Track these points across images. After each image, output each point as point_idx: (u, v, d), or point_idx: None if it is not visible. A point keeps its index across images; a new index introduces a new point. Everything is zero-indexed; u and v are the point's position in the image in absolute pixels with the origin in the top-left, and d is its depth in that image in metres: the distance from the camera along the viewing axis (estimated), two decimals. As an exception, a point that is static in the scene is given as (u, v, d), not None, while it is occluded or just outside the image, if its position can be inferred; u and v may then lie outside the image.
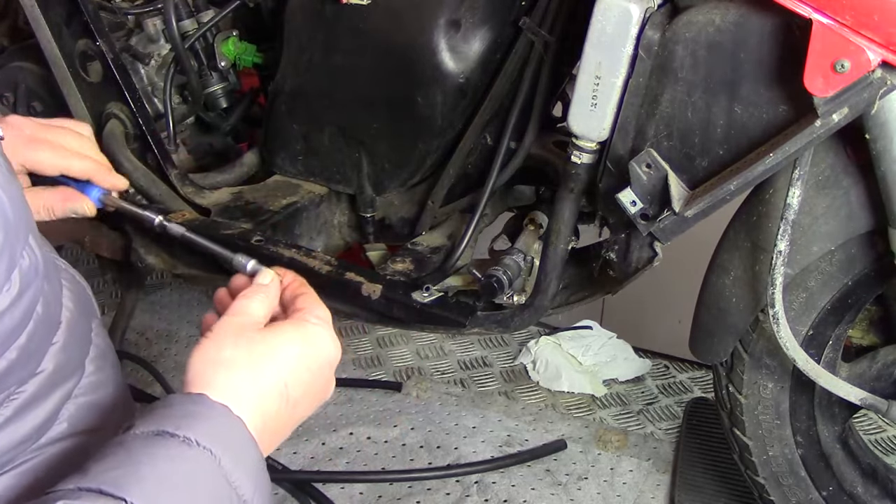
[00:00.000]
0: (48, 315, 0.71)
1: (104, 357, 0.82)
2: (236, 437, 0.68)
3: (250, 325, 0.76)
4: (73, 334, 0.76)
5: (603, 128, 1.20)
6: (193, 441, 0.65)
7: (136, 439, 0.65)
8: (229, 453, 0.66)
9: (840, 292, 1.27)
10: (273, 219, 1.62)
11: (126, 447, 0.64)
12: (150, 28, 1.72)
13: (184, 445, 0.64)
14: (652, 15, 1.16)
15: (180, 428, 0.65)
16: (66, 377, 0.75)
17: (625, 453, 1.87)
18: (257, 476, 0.68)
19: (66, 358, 0.74)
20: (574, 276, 1.51)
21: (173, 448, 0.64)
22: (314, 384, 0.78)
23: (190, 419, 0.66)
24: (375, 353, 2.25)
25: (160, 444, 0.64)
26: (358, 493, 1.74)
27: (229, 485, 0.65)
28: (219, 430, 0.67)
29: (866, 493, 1.42)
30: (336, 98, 1.56)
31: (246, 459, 0.68)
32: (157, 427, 0.65)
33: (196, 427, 0.66)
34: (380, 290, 1.49)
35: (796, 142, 1.06)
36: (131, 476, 0.61)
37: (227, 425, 0.68)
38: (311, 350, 0.77)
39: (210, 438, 0.65)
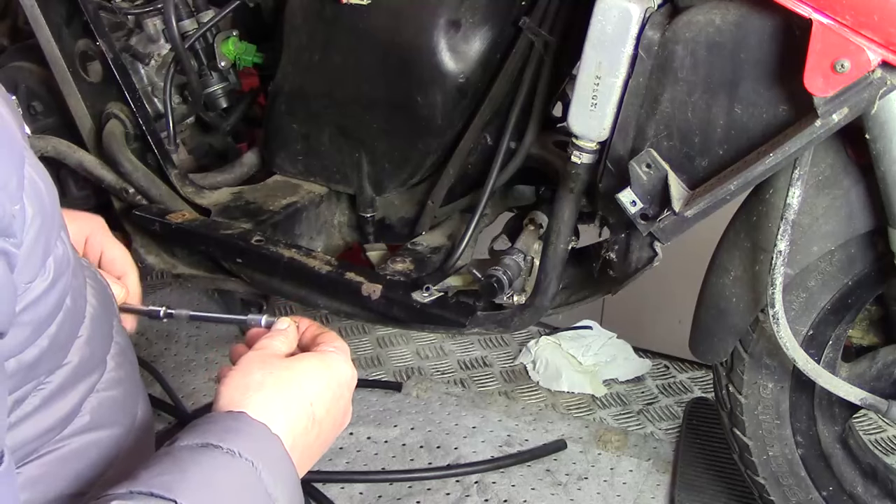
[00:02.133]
0: (76, 308, 0.75)
1: (124, 354, 0.85)
2: (274, 453, 0.73)
3: (274, 356, 0.82)
4: (96, 329, 0.79)
5: (603, 128, 1.20)
6: (237, 453, 0.70)
7: (183, 450, 0.70)
8: (268, 467, 0.71)
9: (840, 292, 1.27)
10: (273, 219, 1.62)
11: (173, 456, 0.69)
12: (150, 28, 1.72)
13: (227, 456, 0.69)
14: (652, 15, 1.16)
15: (224, 441, 0.70)
16: (89, 371, 0.78)
17: (625, 453, 1.87)
18: (292, 492, 0.73)
19: (90, 352, 0.77)
20: (574, 276, 1.51)
21: (218, 458, 0.69)
22: (336, 405, 0.83)
23: (232, 434, 0.71)
24: (375, 353, 2.25)
25: (206, 454, 0.69)
26: (358, 493, 1.74)
27: (268, 496, 0.70)
28: (259, 445, 0.72)
29: (866, 493, 1.42)
30: (336, 98, 1.56)
31: (283, 474, 0.72)
32: (202, 440, 0.70)
33: (238, 441, 0.71)
34: (380, 290, 1.49)
35: (796, 142, 1.06)
36: (180, 481, 0.66)
37: (266, 441, 0.73)
38: (331, 373, 0.83)
39: (251, 452, 0.70)
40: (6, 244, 0.61)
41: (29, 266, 0.65)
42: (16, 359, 0.67)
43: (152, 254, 1.69)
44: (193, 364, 2.19)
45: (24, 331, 0.67)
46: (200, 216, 1.63)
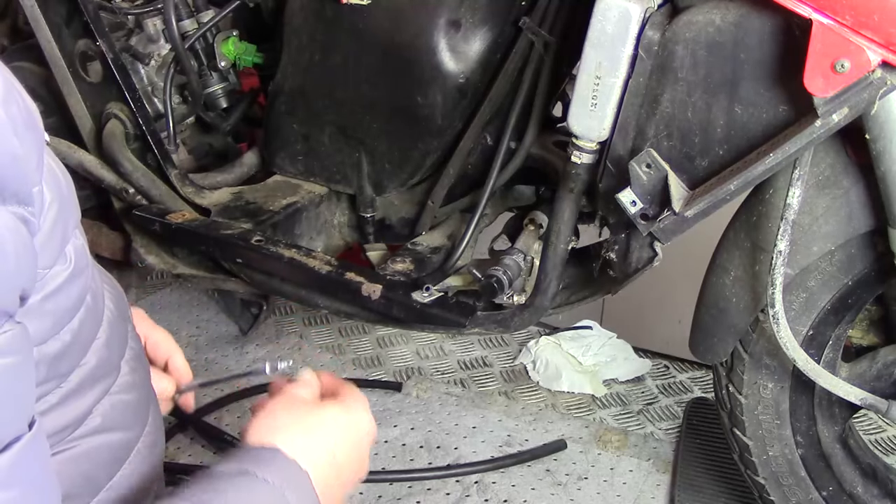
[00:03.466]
0: (96, 307, 0.76)
1: (138, 359, 0.87)
2: (304, 487, 0.77)
3: (299, 402, 0.86)
4: (113, 333, 0.80)
5: (603, 128, 1.20)
6: (271, 482, 0.74)
7: (221, 475, 0.74)
8: (298, 499, 0.75)
9: (840, 292, 1.27)
10: (273, 219, 1.62)
11: (211, 479, 0.74)
12: (150, 28, 1.72)
13: (262, 483, 0.74)
14: (652, 15, 1.16)
15: (259, 469, 0.74)
16: (106, 373, 0.79)
17: (625, 453, 1.87)
18: None
19: (107, 354, 0.79)
20: (574, 276, 1.51)
21: (254, 483, 0.74)
22: (355, 454, 0.86)
23: (267, 464, 0.76)
24: (375, 353, 2.25)
25: (243, 479, 0.74)
26: (358, 493, 1.74)
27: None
28: (290, 478, 0.76)
29: (866, 493, 1.42)
30: (336, 98, 1.56)
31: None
32: (238, 467, 0.75)
33: (272, 471, 0.75)
34: (380, 290, 1.49)
35: (796, 142, 1.06)
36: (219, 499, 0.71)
37: (296, 475, 0.77)
38: (353, 423, 0.86)
39: (284, 482, 0.75)
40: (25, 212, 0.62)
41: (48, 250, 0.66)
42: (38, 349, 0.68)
43: (152, 254, 1.69)
44: (193, 364, 2.16)
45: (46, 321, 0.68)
46: (200, 216, 1.63)
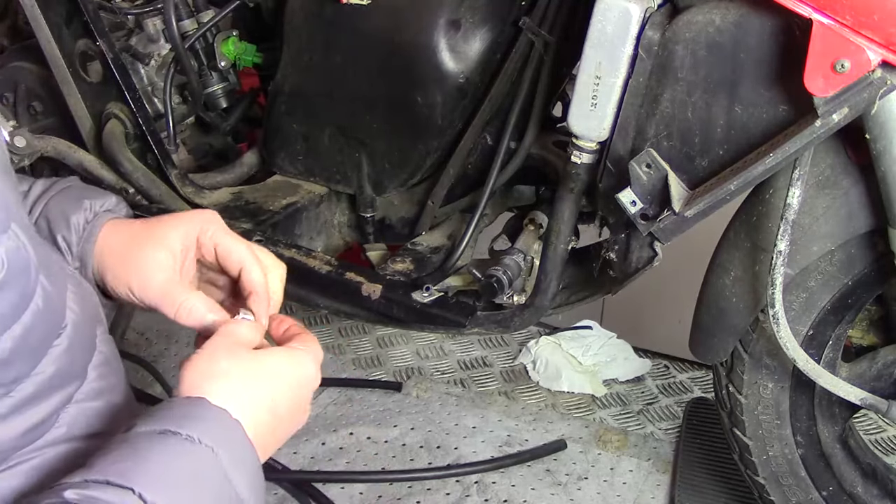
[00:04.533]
0: (50, 312, 0.72)
1: (108, 364, 0.83)
2: (235, 439, 0.71)
3: (241, 345, 0.79)
4: (77, 338, 0.76)
5: (603, 128, 1.20)
6: (196, 439, 0.68)
7: (140, 437, 0.68)
8: (229, 453, 0.69)
9: (840, 292, 1.27)
10: (273, 219, 1.62)
11: (131, 443, 0.67)
12: (150, 28, 1.72)
13: (186, 443, 0.67)
14: (652, 15, 1.16)
15: (183, 427, 0.68)
16: (67, 381, 0.76)
17: (625, 453, 1.87)
18: (254, 478, 0.71)
19: (69, 361, 0.75)
20: (574, 276, 1.51)
21: (177, 445, 0.67)
22: (295, 403, 0.80)
23: (191, 419, 0.69)
24: (375, 353, 2.25)
25: (164, 441, 0.67)
26: (358, 493, 1.74)
27: (229, 482, 0.68)
28: (219, 431, 0.70)
29: (866, 493, 1.42)
30: (336, 98, 1.56)
31: (244, 461, 0.71)
32: (160, 426, 0.68)
33: (198, 427, 0.68)
34: (380, 290, 1.49)
35: (796, 142, 1.06)
36: (138, 468, 0.64)
37: (226, 427, 0.71)
38: (296, 371, 0.80)
39: (211, 438, 0.68)
40: None
41: None
42: None
43: (152, 254, 1.69)
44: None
45: None
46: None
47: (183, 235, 0.89)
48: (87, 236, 0.88)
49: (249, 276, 0.88)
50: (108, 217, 0.90)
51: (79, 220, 0.89)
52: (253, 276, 0.88)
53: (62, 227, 0.88)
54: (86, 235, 0.88)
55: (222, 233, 0.90)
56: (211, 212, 0.92)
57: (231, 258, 0.89)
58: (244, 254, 0.89)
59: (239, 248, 0.89)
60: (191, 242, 0.89)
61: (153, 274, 0.86)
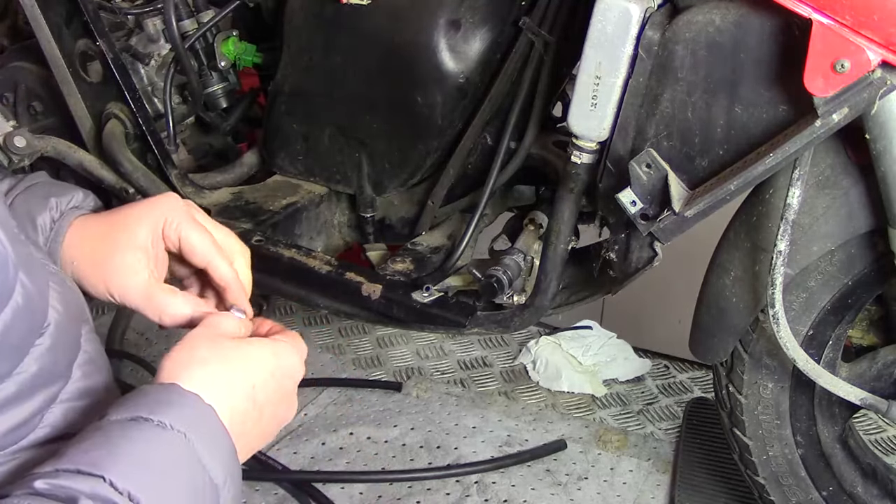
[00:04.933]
0: (30, 310, 0.71)
1: (93, 363, 0.82)
2: (208, 424, 0.70)
3: (223, 335, 0.79)
4: (61, 337, 0.76)
5: (603, 128, 1.20)
6: (168, 425, 0.67)
7: (112, 425, 0.67)
8: (202, 438, 0.68)
9: (840, 292, 1.27)
10: (273, 219, 1.62)
11: (102, 431, 0.67)
12: (150, 28, 1.72)
13: (158, 429, 0.67)
14: (652, 15, 1.16)
15: (154, 413, 0.68)
16: (51, 380, 0.75)
17: (625, 453, 1.87)
18: (229, 463, 0.71)
19: (52, 361, 0.74)
20: (574, 276, 1.51)
21: (148, 431, 0.67)
22: (278, 395, 0.80)
23: (163, 405, 0.69)
24: (375, 353, 2.25)
25: (135, 427, 0.67)
26: (358, 493, 1.74)
27: (203, 468, 0.68)
28: (191, 416, 0.69)
29: (866, 493, 1.42)
30: (336, 98, 1.56)
31: (218, 445, 0.70)
32: (131, 414, 0.68)
33: (169, 413, 0.68)
34: (380, 290, 1.49)
35: (796, 142, 1.06)
36: (109, 456, 0.64)
37: (198, 412, 0.70)
38: (279, 361, 0.80)
39: (183, 423, 0.68)
40: None
41: None
42: None
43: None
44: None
45: None
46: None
47: (149, 230, 0.88)
48: (54, 236, 0.87)
49: (218, 271, 0.89)
50: (74, 215, 0.89)
51: (45, 220, 0.88)
52: (221, 271, 0.89)
53: (28, 227, 0.87)
54: (53, 235, 0.88)
55: (186, 224, 0.89)
56: (173, 198, 0.90)
57: (195, 254, 0.89)
58: (208, 250, 0.89)
59: (203, 243, 0.88)
60: (157, 235, 0.89)
61: (130, 277, 0.86)
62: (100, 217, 0.90)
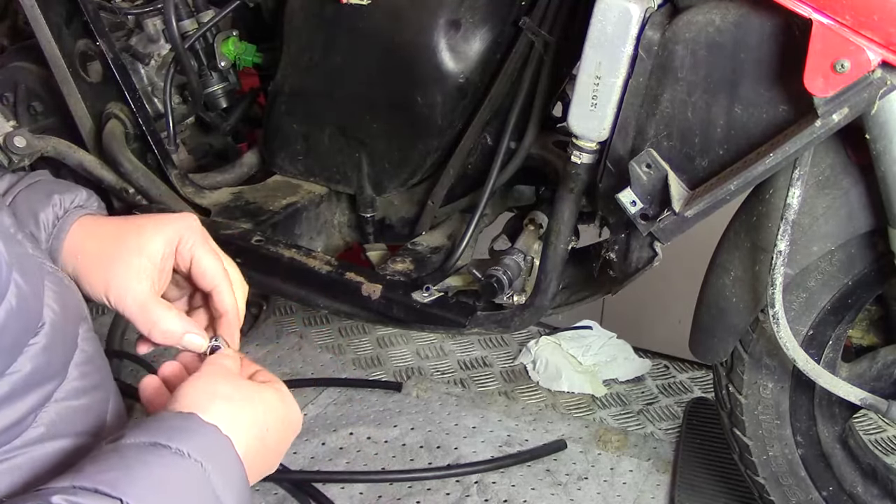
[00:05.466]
0: (24, 311, 0.71)
1: (91, 363, 0.82)
2: (225, 456, 0.71)
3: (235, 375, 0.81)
4: (56, 336, 0.76)
5: (603, 128, 1.20)
6: (185, 453, 0.68)
7: (130, 448, 0.68)
8: (218, 469, 0.69)
9: (840, 292, 1.27)
10: (273, 219, 1.62)
11: (120, 454, 0.67)
12: (150, 28, 1.72)
13: (176, 456, 0.67)
14: (652, 15, 1.16)
15: (172, 440, 0.68)
16: (45, 379, 0.75)
17: (625, 453, 1.87)
18: (241, 494, 0.71)
19: (46, 360, 0.74)
20: (574, 276, 1.51)
21: (166, 457, 0.67)
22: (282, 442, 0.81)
23: (182, 433, 0.69)
24: (375, 353, 2.25)
25: (154, 453, 0.67)
26: (358, 493, 1.74)
27: (216, 498, 0.68)
28: (209, 447, 0.70)
29: (866, 493, 1.42)
30: (336, 98, 1.56)
31: (233, 477, 0.71)
32: (150, 438, 0.68)
33: (188, 441, 0.69)
34: (380, 290, 1.49)
35: (796, 142, 1.06)
36: (127, 479, 0.64)
37: (216, 443, 0.71)
38: (286, 409, 0.82)
39: (201, 453, 0.68)
40: None
41: None
42: None
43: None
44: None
45: None
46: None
47: (165, 243, 0.88)
48: (56, 233, 0.87)
49: (222, 298, 0.89)
50: (78, 214, 0.89)
51: (48, 216, 0.88)
52: (226, 300, 0.89)
53: (30, 223, 0.87)
54: (55, 233, 0.87)
55: (200, 246, 0.89)
56: (192, 218, 0.91)
57: (206, 278, 0.89)
58: (219, 276, 0.89)
59: (214, 267, 0.89)
60: (171, 251, 0.89)
61: (131, 284, 0.86)
62: (111, 219, 0.90)
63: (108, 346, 2.02)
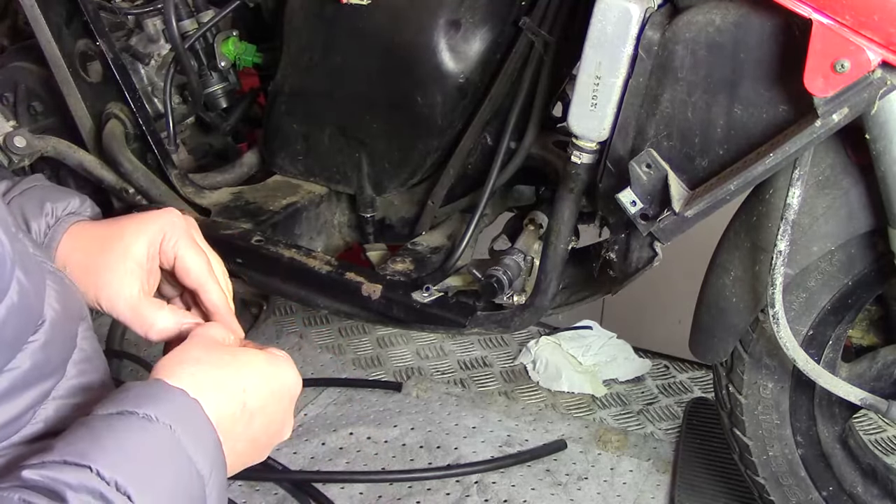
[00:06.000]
0: (25, 308, 0.71)
1: (89, 362, 0.82)
2: (193, 417, 0.71)
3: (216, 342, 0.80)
4: (56, 334, 0.76)
5: (603, 128, 1.20)
6: (154, 417, 0.68)
7: (98, 419, 0.68)
8: (187, 431, 0.69)
9: (840, 292, 1.27)
10: (273, 219, 1.62)
11: (88, 426, 0.67)
12: (150, 28, 1.72)
13: (144, 421, 0.68)
14: (652, 15, 1.16)
15: (140, 406, 0.68)
16: (44, 377, 0.75)
17: (625, 453, 1.87)
18: (214, 455, 0.71)
19: (45, 357, 0.74)
20: (574, 276, 1.51)
21: (135, 423, 0.67)
22: (273, 404, 0.80)
23: (149, 399, 0.69)
24: (375, 353, 2.25)
25: (122, 420, 0.67)
26: (358, 493, 1.74)
27: (188, 459, 0.68)
28: (176, 410, 0.70)
29: (866, 493, 1.42)
30: (336, 98, 1.56)
31: (203, 438, 0.71)
32: (117, 408, 0.68)
33: (155, 406, 0.69)
34: (380, 290, 1.49)
35: (796, 142, 1.06)
36: (95, 447, 0.65)
37: (184, 406, 0.71)
38: (274, 370, 0.80)
39: (169, 416, 0.69)
40: None
41: None
42: None
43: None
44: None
45: None
46: (200, 216, 1.63)
47: (148, 243, 0.88)
48: (48, 242, 0.87)
49: (209, 297, 0.89)
50: (69, 222, 0.89)
51: (40, 225, 0.88)
52: (213, 297, 0.89)
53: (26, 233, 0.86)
54: (47, 241, 0.87)
55: (184, 243, 0.88)
56: (174, 213, 0.90)
57: (189, 276, 0.89)
58: (203, 275, 0.89)
59: (197, 265, 0.88)
60: (155, 250, 0.89)
61: (121, 289, 0.86)
62: (96, 225, 0.90)
63: (108, 345, 2.02)
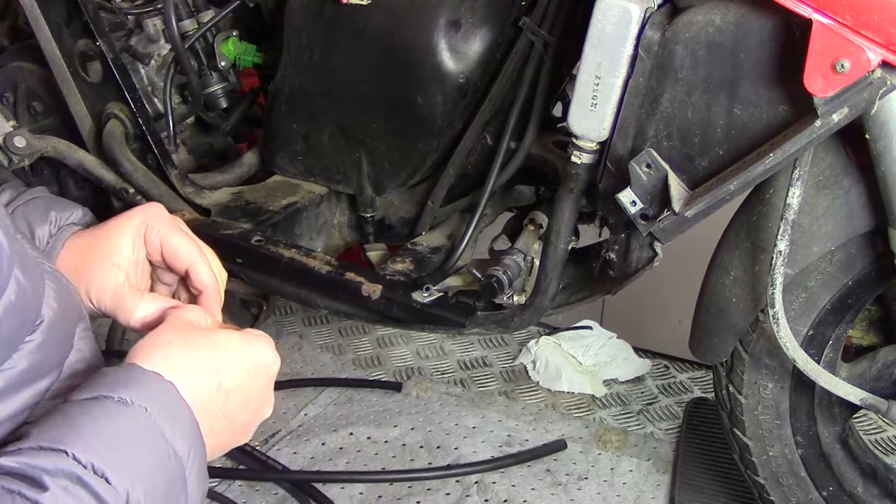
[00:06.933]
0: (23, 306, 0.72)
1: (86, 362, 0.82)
2: (168, 399, 0.71)
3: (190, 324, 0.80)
4: (53, 334, 0.76)
5: (603, 128, 1.20)
6: (128, 401, 0.68)
7: (73, 404, 0.68)
8: (163, 412, 0.70)
9: (840, 292, 1.27)
10: (273, 219, 1.62)
11: (63, 411, 0.68)
12: (150, 28, 1.72)
13: (119, 405, 0.68)
14: (652, 15, 1.16)
15: (114, 391, 0.69)
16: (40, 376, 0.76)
17: (625, 453, 1.87)
18: (192, 436, 0.72)
19: (41, 357, 0.75)
20: (574, 276, 1.51)
21: (110, 407, 0.68)
22: (249, 383, 0.80)
23: (123, 383, 0.70)
24: (375, 353, 2.25)
25: (97, 404, 0.68)
26: (358, 493, 1.74)
27: (165, 440, 0.69)
28: (151, 392, 0.70)
29: (866, 493, 1.42)
30: (336, 98, 1.56)
31: (179, 419, 0.71)
32: (92, 393, 0.69)
33: (130, 389, 0.69)
34: (380, 290, 1.49)
35: (796, 142, 1.06)
36: (70, 432, 0.65)
37: (158, 388, 0.71)
38: (249, 349, 0.80)
39: (143, 398, 0.69)
40: None
41: None
42: None
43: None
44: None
45: None
46: (200, 216, 1.63)
47: (132, 237, 0.89)
48: (49, 249, 0.89)
49: (199, 276, 0.89)
50: (71, 230, 0.90)
51: (43, 232, 0.89)
52: (203, 276, 0.89)
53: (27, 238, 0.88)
54: (48, 249, 0.89)
55: (168, 230, 0.89)
56: (156, 206, 0.91)
57: (179, 258, 0.89)
58: (192, 253, 0.89)
59: (186, 247, 0.89)
60: (140, 243, 0.89)
61: (106, 282, 0.87)
62: (88, 230, 0.92)
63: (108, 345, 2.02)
